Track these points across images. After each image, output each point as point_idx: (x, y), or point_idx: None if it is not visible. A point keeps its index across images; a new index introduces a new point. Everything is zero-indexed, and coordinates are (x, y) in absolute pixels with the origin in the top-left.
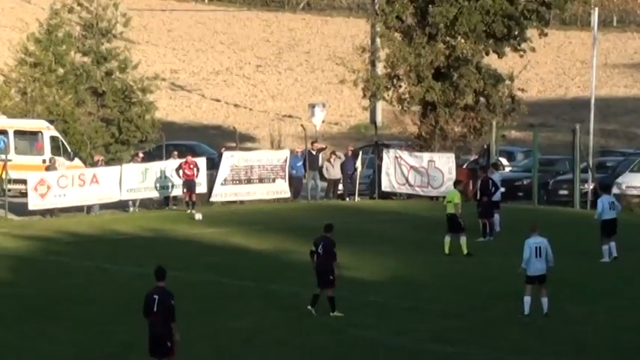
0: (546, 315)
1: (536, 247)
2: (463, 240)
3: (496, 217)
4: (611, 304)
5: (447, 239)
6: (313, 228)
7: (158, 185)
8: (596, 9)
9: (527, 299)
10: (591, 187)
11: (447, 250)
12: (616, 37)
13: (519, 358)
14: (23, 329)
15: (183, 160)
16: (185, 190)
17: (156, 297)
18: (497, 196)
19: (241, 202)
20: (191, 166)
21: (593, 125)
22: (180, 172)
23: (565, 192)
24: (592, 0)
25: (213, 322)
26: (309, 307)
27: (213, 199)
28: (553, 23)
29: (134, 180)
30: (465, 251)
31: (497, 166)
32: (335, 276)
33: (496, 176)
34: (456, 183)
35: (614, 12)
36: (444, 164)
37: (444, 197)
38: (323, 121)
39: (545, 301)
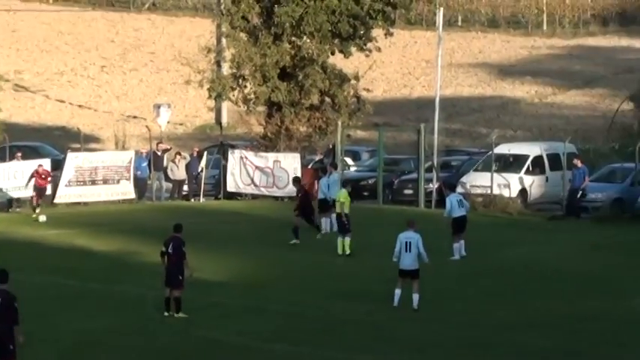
0: (415, 311)
1: (406, 242)
2: (347, 240)
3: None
4: (455, 302)
5: (339, 240)
6: (158, 229)
7: (1, 187)
8: (441, 9)
9: (397, 292)
10: (436, 186)
11: (339, 251)
12: (461, 37)
13: (359, 356)
14: None
15: (34, 169)
16: (34, 195)
17: None
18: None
19: (86, 203)
20: (43, 177)
21: (438, 125)
22: (33, 180)
23: (410, 191)
24: (437, 0)
25: (57, 324)
26: (165, 313)
27: (57, 200)
28: (398, 23)
29: None
30: (348, 251)
31: (336, 165)
32: (185, 277)
33: (335, 176)
34: (345, 183)
35: (459, 12)
36: (290, 164)
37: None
38: (168, 122)
39: (415, 297)
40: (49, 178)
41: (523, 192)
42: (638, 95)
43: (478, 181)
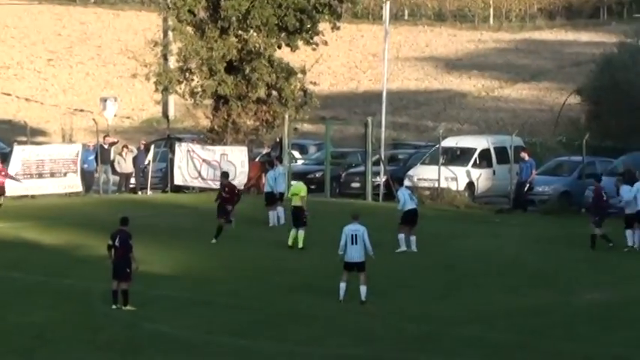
0: (362, 303)
1: (352, 235)
2: (301, 234)
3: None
4: (400, 294)
5: (292, 232)
6: (105, 222)
7: None
8: (388, 2)
9: (342, 285)
10: (383, 179)
11: (290, 243)
12: (407, 31)
13: (310, 349)
14: None
15: None
16: None
17: None
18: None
19: (33, 196)
20: (2, 173)
21: (385, 118)
22: None
23: (357, 184)
24: None
25: (4, 317)
26: (113, 306)
27: None
28: (345, 16)
29: None
30: (301, 245)
31: (282, 159)
32: (132, 269)
33: (281, 169)
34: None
35: (406, 5)
36: (237, 157)
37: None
38: (115, 115)
39: (363, 289)
40: (6, 176)
41: (470, 185)
42: (584, 89)
43: (425, 174)
